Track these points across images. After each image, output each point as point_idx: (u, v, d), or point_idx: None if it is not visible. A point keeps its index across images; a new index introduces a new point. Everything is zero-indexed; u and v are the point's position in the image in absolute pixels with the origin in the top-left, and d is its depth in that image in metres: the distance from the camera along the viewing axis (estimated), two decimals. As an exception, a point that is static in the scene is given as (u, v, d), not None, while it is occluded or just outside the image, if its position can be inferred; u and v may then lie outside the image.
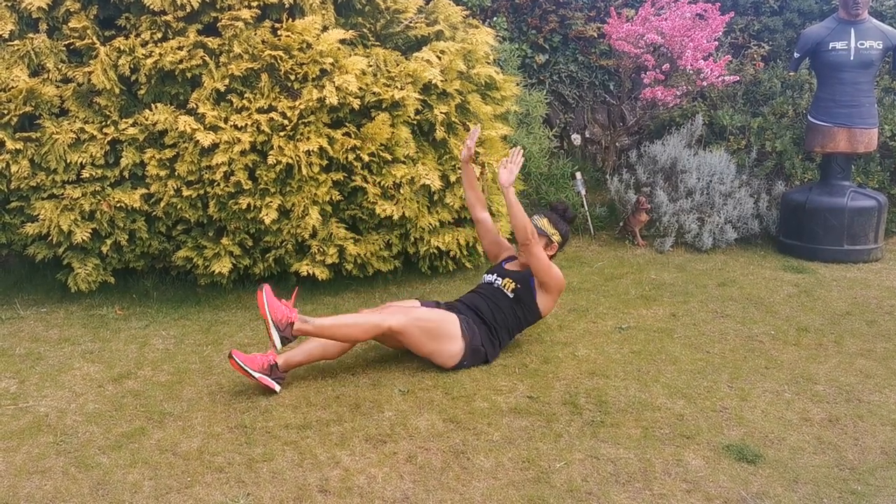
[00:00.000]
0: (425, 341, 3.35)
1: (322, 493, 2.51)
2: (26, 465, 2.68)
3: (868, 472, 2.62)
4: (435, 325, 3.36)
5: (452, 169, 4.56)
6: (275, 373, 3.21)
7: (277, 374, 3.22)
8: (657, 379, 3.35)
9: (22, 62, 4.10)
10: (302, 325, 3.15)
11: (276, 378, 3.20)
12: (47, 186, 4.12)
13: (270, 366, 3.20)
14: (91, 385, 3.35)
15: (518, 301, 3.57)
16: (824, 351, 3.69)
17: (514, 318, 3.58)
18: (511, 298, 3.57)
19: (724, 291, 4.61)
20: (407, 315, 3.32)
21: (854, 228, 5.24)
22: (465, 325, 3.43)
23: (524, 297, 3.57)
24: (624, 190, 5.93)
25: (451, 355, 3.40)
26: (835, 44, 5.16)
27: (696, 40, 5.78)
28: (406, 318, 3.30)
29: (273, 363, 3.21)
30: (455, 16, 4.93)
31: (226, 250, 4.25)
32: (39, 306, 4.42)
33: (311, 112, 4.04)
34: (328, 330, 3.22)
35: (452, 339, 3.38)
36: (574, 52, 6.82)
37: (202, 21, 4.13)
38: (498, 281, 3.64)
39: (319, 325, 3.19)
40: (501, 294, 3.59)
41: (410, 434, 2.87)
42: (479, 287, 3.72)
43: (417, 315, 3.35)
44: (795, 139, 5.89)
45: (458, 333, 3.39)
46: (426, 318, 3.36)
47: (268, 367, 3.19)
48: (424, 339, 3.35)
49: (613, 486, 2.54)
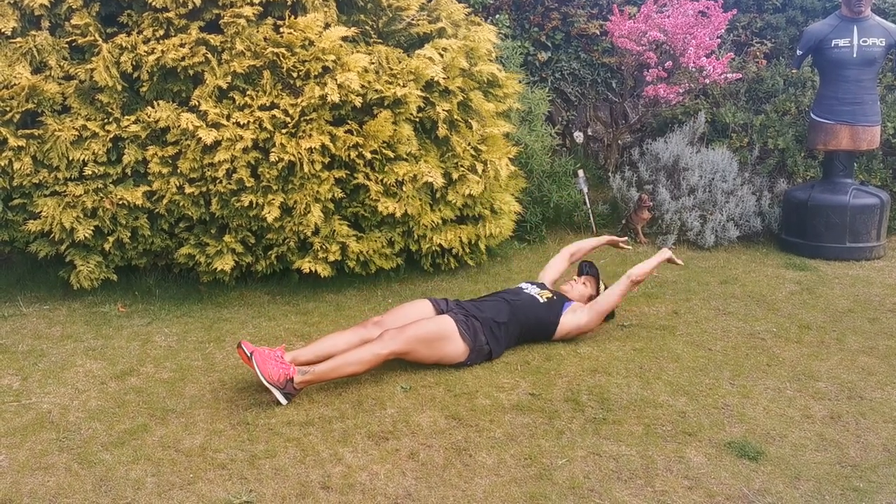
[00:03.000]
0: (429, 353, 3.36)
1: (324, 489, 2.51)
2: (29, 462, 2.69)
3: (870, 470, 2.62)
4: (433, 335, 3.35)
5: (454, 166, 4.56)
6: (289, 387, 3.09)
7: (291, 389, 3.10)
8: (659, 376, 3.35)
9: (24, 59, 4.10)
10: (303, 378, 3.08)
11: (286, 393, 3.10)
12: (50, 183, 4.12)
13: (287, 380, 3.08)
14: (94, 382, 3.36)
15: (547, 308, 3.70)
16: (826, 348, 3.68)
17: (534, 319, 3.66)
18: (542, 303, 3.70)
19: (727, 289, 4.60)
20: (403, 334, 3.28)
21: (856, 226, 5.24)
22: (464, 326, 3.42)
23: (555, 306, 3.71)
24: (626, 187, 5.93)
25: (457, 355, 3.41)
26: (837, 41, 5.16)
27: (699, 38, 5.78)
28: (403, 337, 3.27)
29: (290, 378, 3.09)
30: (457, 13, 4.92)
31: (228, 247, 4.25)
32: (42, 303, 4.42)
33: (314, 109, 4.04)
34: (331, 374, 3.15)
35: (453, 341, 3.38)
36: (576, 50, 6.82)
37: (204, 18, 4.13)
38: (531, 289, 3.79)
39: (321, 373, 3.12)
40: (533, 300, 3.71)
41: (413, 431, 2.88)
42: (504, 292, 3.82)
43: (413, 333, 3.30)
44: (798, 137, 5.89)
45: (457, 334, 3.39)
46: (423, 332, 3.33)
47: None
48: (428, 352, 3.35)
49: (615, 483, 2.54)
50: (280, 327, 4.00)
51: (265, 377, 3.02)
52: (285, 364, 3.09)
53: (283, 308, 4.31)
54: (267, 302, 4.43)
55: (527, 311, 3.63)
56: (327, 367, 3.14)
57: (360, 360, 3.18)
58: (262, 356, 3.06)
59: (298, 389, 3.11)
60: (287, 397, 3.07)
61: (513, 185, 5.18)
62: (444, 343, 3.37)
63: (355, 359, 3.17)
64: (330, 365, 3.14)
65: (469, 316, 3.50)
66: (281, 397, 3.06)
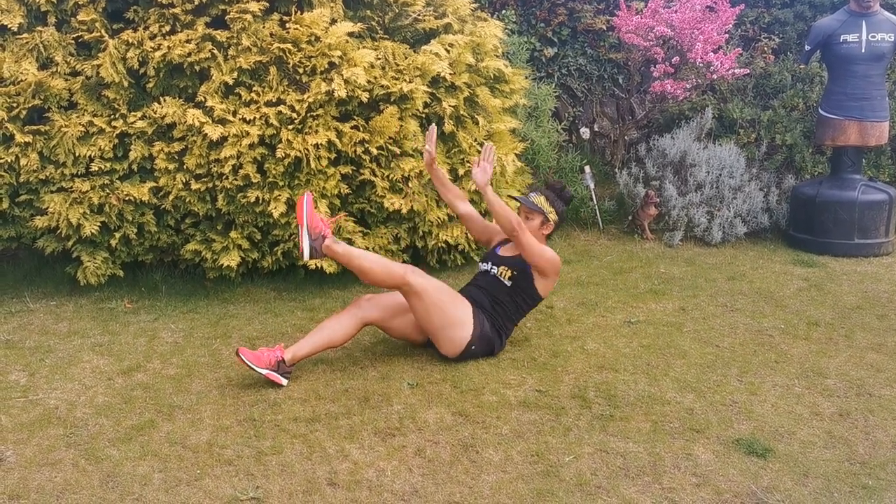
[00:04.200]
0: (440, 313, 3.32)
1: (331, 486, 2.51)
2: (37, 458, 2.69)
3: (879, 467, 2.60)
4: (450, 303, 3.35)
5: (461, 162, 4.55)
6: (282, 368, 3.20)
7: (285, 369, 3.21)
8: (666, 373, 3.34)
9: (31, 55, 4.11)
10: (333, 245, 3.21)
11: (283, 373, 3.20)
12: (56, 180, 4.13)
13: (278, 361, 3.19)
14: (100, 378, 3.36)
15: (516, 288, 3.52)
16: (834, 345, 3.67)
17: (514, 306, 3.54)
18: (509, 287, 3.51)
19: (734, 285, 4.59)
20: (428, 280, 3.32)
21: (865, 222, 5.21)
22: (477, 317, 3.41)
23: (522, 283, 3.51)
24: (633, 184, 5.91)
25: (457, 340, 3.37)
26: (846, 36, 5.13)
27: (707, 33, 5.74)
28: (426, 281, 3.31)
29: (280, 359, 3.20)
30: (463, 8, 4.91)
31: (234, 244, 4.25)
32: (49, 299, 4.43)
33: (320, 105, 4.04)
34: (354, 260, 3.25)
35: (463, 323, 3.36)
36: (583, 45, 6.79)
37: (210, 14, 4.13)
38: (494, 269, 3.57)
39: (347, 252, 3.24)
40: (499, 284, 3.53)
41: (419, 427, 2.87)
42: (476, 278, 3.66)
43: (439, 285, 3.36)
44: (806, 132, 5.86)
45: (470, 320, 3.38)
46: (445, 292, 3.37)
47: (275, 363, 3.18)
48: (436, 312, 3.32)
49: (623, 480, 2.53)
50: (286, 323, 4.00)
51: (307, 220, 3.16)
52: (327, 225, 3.24)
53: (290, 304, 4.31)
54: (273, 298, 4.43)
55: (502, 298, 3.52)
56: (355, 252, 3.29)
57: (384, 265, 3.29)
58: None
59: (322, 254, 3.23)
60: (312, 252, 3.20)
61: (519, 180, 5.17)
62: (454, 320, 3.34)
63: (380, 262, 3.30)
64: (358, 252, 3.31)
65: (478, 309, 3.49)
66: (307, 247, 3.19)
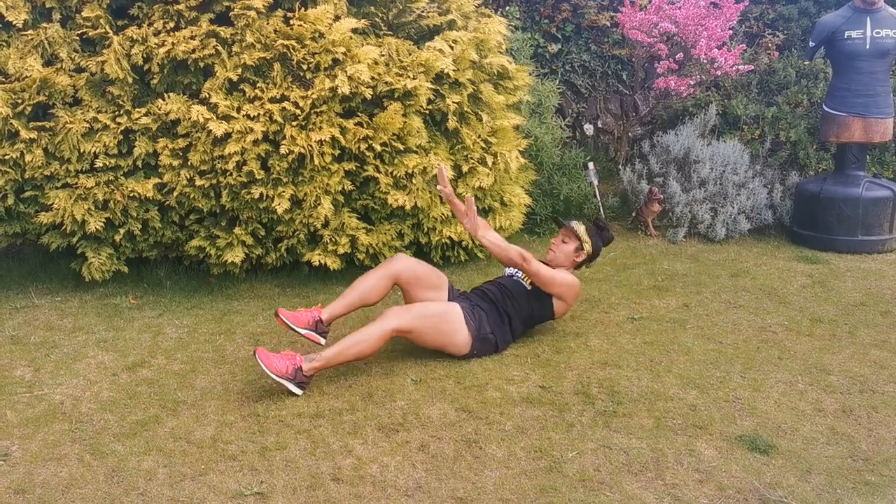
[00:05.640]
0: (434, 335, 3.35)
1: (335, 481, 2.52)
2: (42, 452, 2.71)
3: (882, 463, 2.60)
4: (438, 318, 3.35)
5: (465, 159, 4.55)
6: (320, 327, 3.33)
7: (322, 329, 3.35)
8: (669, 369, 3.34)
9: (35, 52, 4.11)
10: (312, 364, 3.10)
11: (321, 333, 3.34)
12: (61, 176, 4.14)
13: (316, 321, 3.32)
14: (105, 373, 3.38)
15: (535, 293, 3.60)
16: (838, 342, 3.67)
17: (528, 310, 3.59)
18: (528, 290, 3.61)
19: (737, 282, 4.58)
20: (409, 312, 3.29)
21: (869, 219, 5.20)
22: (469, 314, 3.42)
23: (541, 293, 3.60)
24: (636, 180, 5.90)
25: (461, 345, 3.41)
26: (850, 32, 5.11)
27: (710, 29, 5.73)
28: (409, 315, 3.27)
29: (318, 318, 3.33)
30: (467, 5, 4.90)
31: (238, 240, 4.26)
32: (54, 295, 4.45)
33: (324, 102, 4.04)
34: (339, 358, 3.15)
35: (458, 329, 3.38)
36: (587, 42, 6.78)
37: (214, 10, 4.13)
38: (518, 274, 3.70)
39: (328, 358, 3.13)
40: (520, 285, 3.64)
41: (423, 423, 2.88)
42: (499, 278, 3.78)
43: (419, 311, 3.32)
44: (810, 129, 5.85)
45: (462, 323, 3.39)
46: (429, 313, 3.34)
47: (313, 322, 3.31)
48: (432, 333, 3.34)
49: (626, 476, 2.54)
50: (290, 319, 4.01)
51: (273, 372, 3.03)
52: (291, 355, 3.12)
53: (294, 300, 4.32)
54: (277, 294, 4.44)
55: (519, 298, 3.60)
56: (335, 351, 3.14)
57: (367, 337, 3.17)
58: (265, 354, 3.07)
59: (309, 377, 3.12)
60: (300, 387, 3.09)
61: (523, 177, 5.17)
62: (449, 326, 3.36)
63: (361, 338, 3.17)
64: (337, 349, 3.15)
65: (474, 305, 3.51)
66: (294, 388, 3.08)
